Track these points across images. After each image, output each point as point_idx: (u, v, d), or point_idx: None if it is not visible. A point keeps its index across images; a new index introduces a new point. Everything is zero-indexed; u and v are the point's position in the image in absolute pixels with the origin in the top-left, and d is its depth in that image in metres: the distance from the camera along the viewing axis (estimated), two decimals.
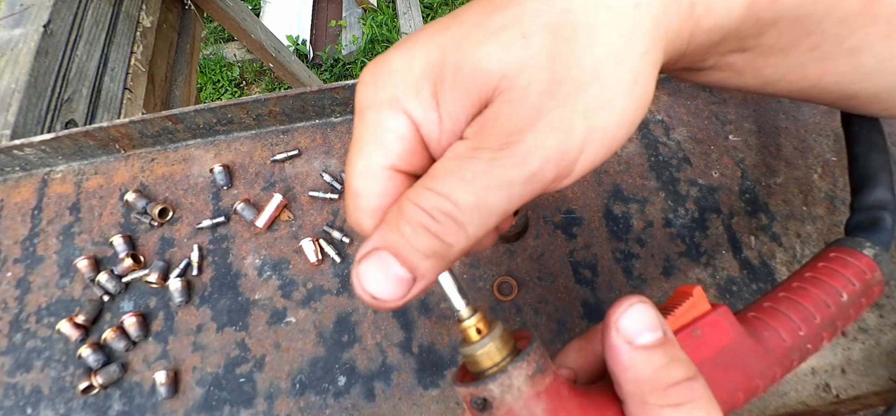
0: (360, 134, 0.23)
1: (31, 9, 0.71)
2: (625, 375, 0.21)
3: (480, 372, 0.22)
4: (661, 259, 0.43)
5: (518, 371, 0.21)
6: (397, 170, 0.23)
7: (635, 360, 0.21)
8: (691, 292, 0.25)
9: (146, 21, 0.92)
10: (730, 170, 0.47)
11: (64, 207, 0.47)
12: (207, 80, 2.46)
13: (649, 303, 0.22)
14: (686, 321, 0.25)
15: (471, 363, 0.23)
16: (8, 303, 0.43)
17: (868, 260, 0.27)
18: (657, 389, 0.21)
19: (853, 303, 0.27)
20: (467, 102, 0.21)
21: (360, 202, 0.23)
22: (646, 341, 0.21)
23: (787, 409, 0.38)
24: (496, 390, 0.21)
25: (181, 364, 0.41)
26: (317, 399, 0.39)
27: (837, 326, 0.27)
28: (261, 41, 1.56)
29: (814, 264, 0.29)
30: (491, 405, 0.21)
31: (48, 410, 0.39)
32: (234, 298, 0.43)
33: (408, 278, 0.21)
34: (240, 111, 0.47)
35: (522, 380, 0.21)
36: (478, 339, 0.23)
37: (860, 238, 0.29)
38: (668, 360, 0.21)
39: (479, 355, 0.22)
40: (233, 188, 0.47)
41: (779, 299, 0.27)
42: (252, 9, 2.55)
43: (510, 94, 0.20)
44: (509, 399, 0.21)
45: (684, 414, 0.20)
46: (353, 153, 0.23)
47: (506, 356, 0.22)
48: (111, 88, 0.79)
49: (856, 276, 0.27)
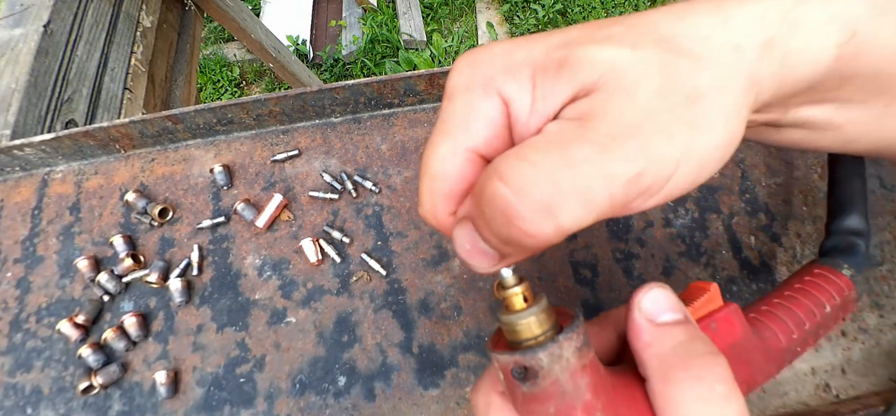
0: (447, 117, 0.23)
1: (31, 9, 0.71)
2: (647, 351, 0.22)
3: (520, 342, 0.22)
4: (661, 259, 0.43)
5: (568, 342, 0.21)
6: (480, 155, 0.22)
7: (657, 336, 0.22)
8: (707, 287, 0.27)
9: (146, 21, 0.92)
10: (730, 170, 0.47)
11: (64, 207, 0.47)
12: (207, 80, 2.46)
13: (669, 288, 0.23)
14: (702, 315, 0.26)
15: (510, 331, 0.22)
16: (8, 303, 0.43)
17: (846, 280, 0.31)
18: (678, 363, 0.21)
19: (833, 315, 0.30)
20: (566, 88, 0.21)
21: (436, 185, 0.22)
22: (667, 319, 0.22)
23: (787, 409, 0.38)
24: (545, 359, 0.21)
25: (181, 364, 0.41)
26: (317, 399, 0.39)
27: (819, 334, 0.29)
28: (261, 41, 1.56)
29: (801, 277, 0.31)
30: (536, 375, 0.21)
31: (48, 410, 0.39)
32: (234, 298, 0.43)
33: (492, 254, 0.21)
34: (240, 111, 0.47)
35: (571, 351, 0.21)
36: (524, 307, 0.22)
37: (838, 259, 0.32)
38: (689, 337, 0.22)
39: (524, 324, 0.22)
40: (233, 188, 0.47)
41: (774, 304, 0.30)
42: (252, 9, 2.55)
43: (617, 88, 0.20)
44: (557, 370, 0.21)
45: (706, 387, 0.20)
46: (437, 136, 0.22)
47: (548, 328, 0.22)
48: (111, 88, 0.79)
49: (837, 291, 0.30)
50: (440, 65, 2.43)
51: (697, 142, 0.20)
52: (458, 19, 2.65)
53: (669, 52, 0.20)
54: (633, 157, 0.19)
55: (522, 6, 2.59)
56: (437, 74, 0.47)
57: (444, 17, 2.65)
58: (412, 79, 0.47)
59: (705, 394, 0.20)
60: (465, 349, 0.41)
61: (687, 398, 0.20)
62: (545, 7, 2.51)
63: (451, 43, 2.52)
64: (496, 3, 2.65)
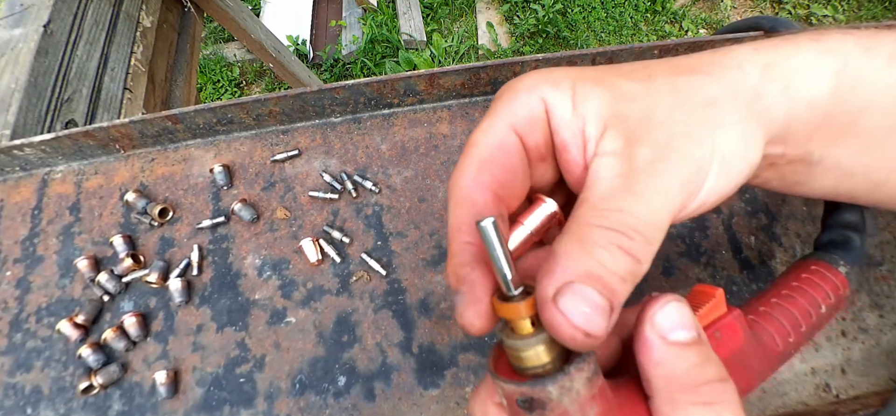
0: (491, 110, 0.26)
1: (31, 9, 0.71)
2: (656, 370, 0.21)
3: (526, 369, 0.21)
4: (661, 259, 0.43)
5: (579, 374, 0.20)
6: (517, 132, 0.25)
7: (668, 356, 0.21)
8: (712, 292, 0.26)
9: (146, 21, 0.92)
10: None
11: (64, 207, 0.47)
12: (207, 80, 2.46)
13: (685, 302, 0.22)
14: (707, 323, 0.26)
15: (516, 356, 0.21)
16: (8, 303, 0.43)
17: (842, 277, 0.30)
18: (688, 387, 0.21)
19: (827, 314, 0.29)
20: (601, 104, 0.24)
21: (472, 151, 0.25)
22: (680, 338, 0.21)
23: (787, 409, 0.38)
24: (555, 392, 0.20)
25: (181, 364, 0.41)
26: (317, 399, 0.39)
27: (813, 334, 0.29)
28: (261, 41, 1.56)
29: (797, 274, 0.31)
30: (543, 407, 0.20)
31: (48, 410, 0.39)
32: (234, 298, 0.43)
33: (607, 306, 0.20)
34: (240, 111, 0.47)
35: (582, 383, 0.20)
36: (531, 332, 0.21)
37: (835, 255, 0.31)
38: (701, 360, 0.21)
39: (532, 352, 0.20)
40: (233, 188, 0.47)
41: (772, 304, 0.29)
42: (252, 9, 2.55)
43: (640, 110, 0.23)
44: (567, 402, 0.20)
45: (714, 414, 0.20)
46: (483, 122, 0.26)
47: (556, 356, 0.21)
48: (111, 88, 0.79)
49: (832, 290, 0.30)
50: (440, 65, 2.43)
51: (719, 139, 0.23)
52: (458, 19, 2.65)
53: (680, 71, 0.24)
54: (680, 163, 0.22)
55: (522, 6, 2.58)
56: (437, 74, 0.47)
57: (444, 17, 2.64)
58: (412, 79, 0.47)
59: None
60: (465, 349, 0.41)
61: None
62: (545, 7, 2.51)
63: (451, 43, 2.51)
64: (496, 3, 2.65)
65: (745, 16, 2.51)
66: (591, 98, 0.24)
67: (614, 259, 0.20)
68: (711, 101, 0.23)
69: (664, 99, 0.23)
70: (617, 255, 0.20)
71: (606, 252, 0.20)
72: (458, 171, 0.25)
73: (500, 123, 0.25)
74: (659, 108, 0.23)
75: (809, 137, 0.25)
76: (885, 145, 0.25)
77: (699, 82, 0.23)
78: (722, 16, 2.52)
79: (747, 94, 0.23)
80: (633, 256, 0.21)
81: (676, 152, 0.22)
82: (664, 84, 0.24)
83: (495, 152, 0.25)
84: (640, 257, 0.21)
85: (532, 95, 0.25)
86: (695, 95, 0.23)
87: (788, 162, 0.26)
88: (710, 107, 0.23)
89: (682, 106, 0.23)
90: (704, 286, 0.27)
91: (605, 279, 0.20)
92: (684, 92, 0.23)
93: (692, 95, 0.23)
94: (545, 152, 0.26)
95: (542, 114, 0.25)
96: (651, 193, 0.21)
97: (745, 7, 2.57)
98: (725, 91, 0.23)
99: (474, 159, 0.25)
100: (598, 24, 2.50)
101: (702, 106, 0.23)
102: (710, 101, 0.23)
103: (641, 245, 0.21)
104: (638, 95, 0.23)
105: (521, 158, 0.25)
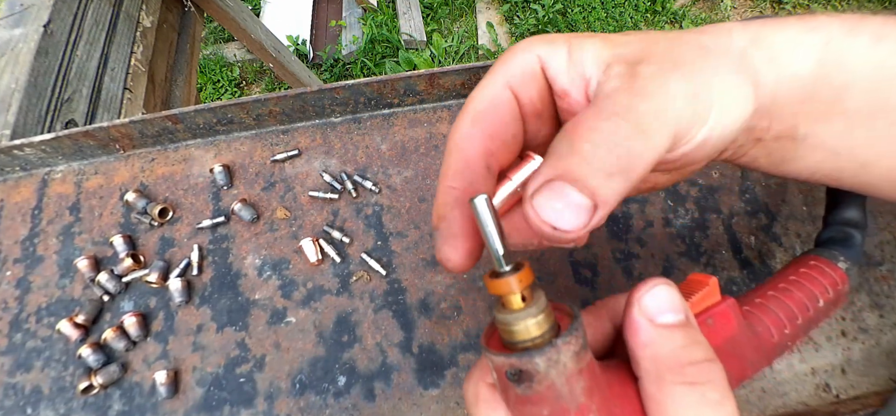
0: (489, 70, 0.27)
1: (31, 9, 0.71)
2: (643, 351, 0.22)
3: (516, 343, 0.21)
4: (660, 259, 0.43)
5: (567, 347, 0.20)
6: (512, 89, 0.26)
7: (655, 337, 0.22)
8: (706, 281, 0.26)
9: (146, 21, 0.92)
10: (730, 170, 0.47)
11: (64, 207, 0.47)
12: (207, 80, 2.46)
13: (674, 286, 0.23)
14: (700, 310, 0.26)
15: (506, 331, 0.21)
16: (8, 303, 0.43)
17: (841, 273, 0.30)
18: (675, 367, 0.21)
19: (825, 309, 0.29)
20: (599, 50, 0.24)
21: (468, 106, 0.26)
22: (667, 320, 0.22)
23: (787, 409, 0.38)
24: (542, 364, 0.20)
25: (181, 364, 0.41)
26: (317, 399, 0.39)
27: (810, 328, 0.29)
28: (261, 41, 1.56)
29: (796, 268, 0.31)
30: (531, 379, 0.20)
31: (48, 410, 0.39)
32: (234, 298, 0.43)
33: (588, 204, 0.20)
34: (240, 111, 0.47)
35: (569, 356, 0.20)
36: (521, 307, 0.21)
37: (835, 251, 0.31)
38: (688, 341, 0.22)
39: (521, 325, 0.21)
40: (233, 188, 0.47)
41: (769, 296, 0.29)
42: (252, 9, 2.55)
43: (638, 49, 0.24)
44: (553, 375, 0.20)
45: (699, 394, 0.20)
46: (481, 81, 0.27)
47: (546, 330, 0.21)
48: (111, 88, 0.79)
49: (831, 285, 0.30)
50: (440, 65, 2.43)
51: (715, 82, 0.23)
52: (458, 19, 2.65)
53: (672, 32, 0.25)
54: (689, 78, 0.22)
55: (522, 6, 2.58)
56: (437, 74, 0.47)
57: (444, 17, 2.64)
58: (412, 79, 0.47)
59: (698, 400, 0.20)
60: (465, 349, 0.41)
61: (679, 403, 0.20)
62: (545, 7, 2.51)
63: (451, 43, 2.51)
64: (496, 3, 2.65)
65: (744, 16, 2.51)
66: (587, 47, 0.25)
67: (599, 153, 0.20)
68: (706, 48, 0.24)
69: (661, 43, 0.24)
70: (602, 148, 0.20)
71: (589, 145, 0.20)
72: (455, 124, 0.26)
73: (496, 79, 0.26)
74: (657, 45, 0.24)
75: (794, 113, 0.25)
76: (870, 125, 0.25)
77: (693, 35, 0.25)
78: (722, 16, 2.52)
79: (737, 53, 0.24)
80: (623, 148, 0.20)
81: (682, 70, 0.22)
82: (657, 36, 0.25)
83: (488, 107, 0.26)
84: (635, 150, 0.20)
85: (528, 53, 0.26)
86: (691, 40, 0.24)
87: (775, 137, 0.27)
88: (706, 53, 0.24)
89: (680, 46, 0.24)
90: (699, 275, 0.27)
91: (583, 177, 0.20)
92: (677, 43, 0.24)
93: (688, 40, 0.24)
94: (541, 107, 0.27)
95: (536, 69, 0.26)
96: (659, 94, 0.22)
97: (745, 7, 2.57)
98: (718, 45, 0.24)
99: (469, 113, 0.26)
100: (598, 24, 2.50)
101: (698, 49, 0.24)
102: (705, 48, 0.24)
103: (639, 140, 0.20)
104: (633, 42, 0.24)
105: (513, 111, 0.26)
